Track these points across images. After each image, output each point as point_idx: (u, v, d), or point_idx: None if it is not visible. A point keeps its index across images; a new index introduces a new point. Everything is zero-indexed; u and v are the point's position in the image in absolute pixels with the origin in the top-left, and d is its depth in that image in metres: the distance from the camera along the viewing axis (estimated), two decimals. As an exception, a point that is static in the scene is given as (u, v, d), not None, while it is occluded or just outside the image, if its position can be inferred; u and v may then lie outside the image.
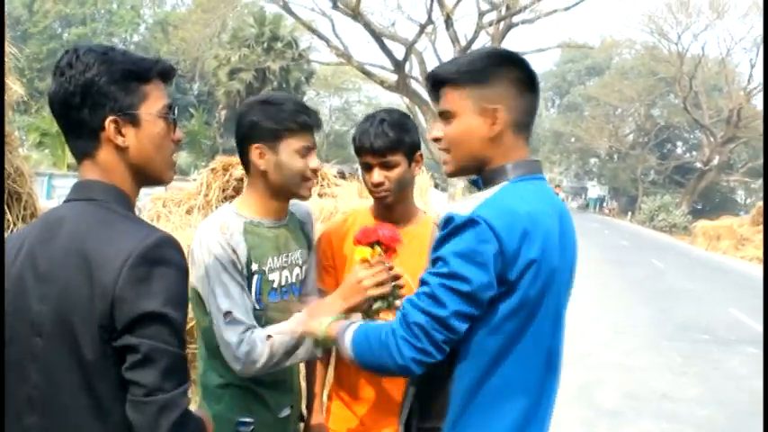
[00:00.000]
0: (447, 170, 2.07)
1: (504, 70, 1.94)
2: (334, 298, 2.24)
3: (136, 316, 1.51)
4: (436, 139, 2.02)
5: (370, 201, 2.83)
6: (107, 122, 1.65)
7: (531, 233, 1.80)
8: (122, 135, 1.67)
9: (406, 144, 2.58)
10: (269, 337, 2.23)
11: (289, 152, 2.36)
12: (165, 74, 1.77)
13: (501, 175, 1.93)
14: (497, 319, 1.83)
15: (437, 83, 2.01)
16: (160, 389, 1.52)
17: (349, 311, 2.20)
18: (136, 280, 1.52)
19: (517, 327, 1.84)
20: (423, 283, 1.85)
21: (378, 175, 2.57)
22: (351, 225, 2.74)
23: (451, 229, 1.81)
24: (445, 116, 1.99)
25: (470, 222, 1.78)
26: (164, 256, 1.58)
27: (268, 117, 2.36)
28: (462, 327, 1.80)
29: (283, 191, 2.44)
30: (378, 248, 2.22)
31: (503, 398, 1.88)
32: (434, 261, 1.85)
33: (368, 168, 2.60)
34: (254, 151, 2.39)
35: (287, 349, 2.25)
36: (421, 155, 2.68)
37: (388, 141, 2.53)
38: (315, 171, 2.44)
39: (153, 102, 1.72)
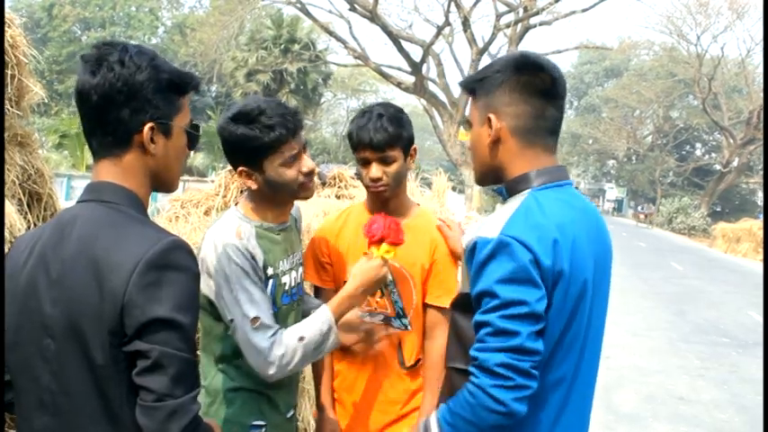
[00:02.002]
0: (474, 178, 2.12)
1: (506, 77, 1.93)
2: (355, 292, 2.33)
3: (145, 321, 1.51)
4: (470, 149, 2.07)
5: (348, 203, 2.86)
6: (146, 128, 1.65)
7: (560, 243, 1.79)
8: (154, 142, 1.68)
9: (404, 139, 2.60)
10: (301, 338, 2.23)
11: (274, 168, 2.31)
12: (197, 89, 1.80)
13: (523, 183, 1.93)
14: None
15: (467, 92, 2.06)
16: (170, 394, 1.52)
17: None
18: (145, 285, 1.52)
19: (553, 343, 1.83)
20: (479, 325, 1.80)
21: (376, 170, 2.57)
22: (345, 222, 2.77)
23: (484, 257, 1.80)
24: (468, 125, 2.05)
25: (501, 245, 1.77)
26: (174, 260, 1.57)
27: (241, 141, 2.28)
28: (540, 345, 1.77)
29: (283, 198, 2.43)
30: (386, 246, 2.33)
31: (543, 402, 1.86)
32: (479, 297, 1.82)
33: (366, 163, 2.60)
34: (242, 174, 2.35)
35: (316, 345, 2.26)
36: (415, 149, 2.68)
37: (387, 136, 2.54)
38: (309, 172, 2.38)
39: (184, 115, 1.76)
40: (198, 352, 2.30)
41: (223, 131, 2.32)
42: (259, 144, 2.27)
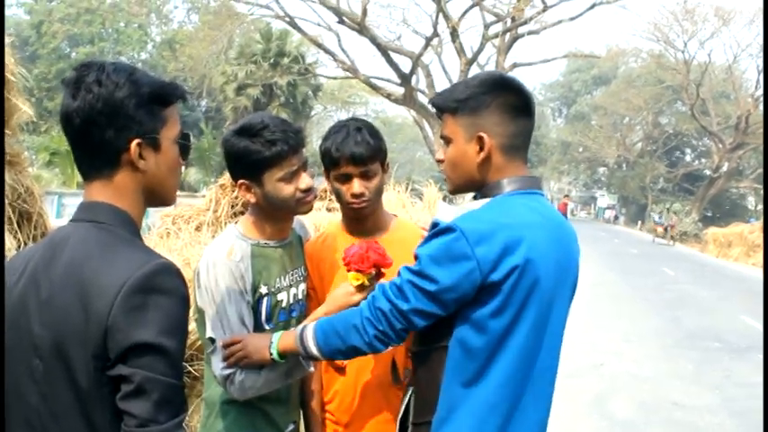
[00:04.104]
0: (448, 188, 2.23)
1: (493, 98, 2.04)
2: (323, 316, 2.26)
3: (129, 345, 1.48)
4: (439, 161, 2.18)
5: (338, 216, 2.80)
6: (133, 145, 1.63)
7: (513, 241, 1.91)
8: (143, 158, 1.66)
9: (383, 152, 2.58)
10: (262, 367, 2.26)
11: (272, 183, 2.35)
12: (183, 98, 1.76)
13: (495, 189, 2.05)
14: (482, 315, 1.93)
15: (438, 110, 2.15)
16: (154, 420, 1.49)
17: None
18: (130, 309, 1.49)
19: (504, 327, 1.93)
20: (398, 273, 2.01)
21: (359, 185, 2.50)
22: (323, 244, 2.71)
23: (433, 233, 1.98)
24: (445, 140, 2.14)
25: (448, 230, 1.93)
26: (160, 284, 1.54)
27: (243, 153, 2.33)
28: (420, 322, 1.98)
29: (281, 214, 2.45)
30: (373, 271, 2.26)
31: (493, 406, 1.96)
32: (415, 258, 2.00)
33: (346, 179, 2.52)
34: (242, 186, 2.40)
35: (280, 371, 2.28)
36: (388, 164, 2.66)
37: (369, 149, 2.49)
38: (307, 189, 2.41)
39: (171, 126, 1.72)
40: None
41: (226, 143, 2.38)
42: (260, 158, 2.31)
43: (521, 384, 1.98)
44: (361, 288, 2.26)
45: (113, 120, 1.60)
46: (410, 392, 2.20)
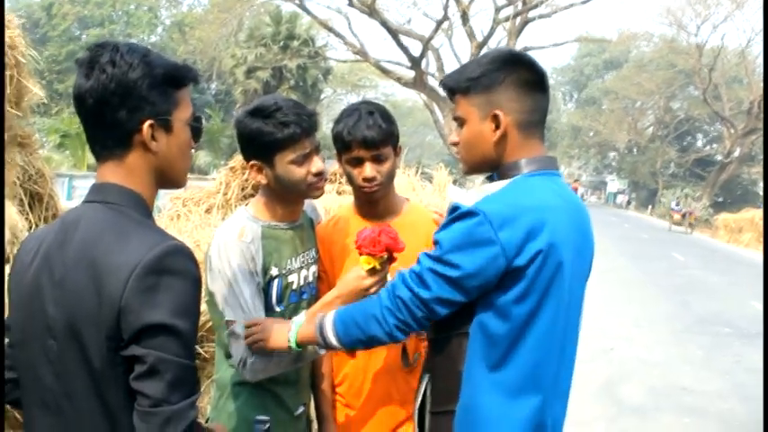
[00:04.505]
0: (463, 170, 2.19)
1: (506, 74, 1.99)
2: (334, 302, 2.25)
3: (142, 326, 1.50)
4: (454, 143, 2.13)
5: (349, 198, 2.79)
6: (145, 126, 1.63)
7: (537, 225, 1.86)
8: (155, 140, 1.66)
9: (395, 135, 2.57)
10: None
11: (283, 165, 2.34)
12: (196, 81, 1.77)
13: (514, 170, 2.00)
14: (505, 302, 1.89)
15: (449, 91, 2.10)
16: (166, 400, 1.50)
17: None
18: (143, 290, 1.50)
19: (527, 313, 1.90)
20: (418, 261, 1.96)
21: (371, 169, 2.51)
22: (335, 227, 2.71)
23: (453, 216, 1.92)
24: (458, 122, 2.09)
25: (470, 214, 1.87)
26: (172, 265, 1.55)
27: (255, 134, 2.33)
28: (442, 311, 1.94)
29: (292, 196, 2.44)
30: (384, 255, 2.22)
31: (518, 391, 1.93)
32: (434, 241, 1.95)
33: (358, 163, 2.52)
34: (254, 167, 2.40)
35: (294, 356, 2.28)
36: (400, 147, 2.65)
37: (381, 133, 2.49)
38: (319, 173, 2.40)
39: (183, 109, 1.73)
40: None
41: (239, 124, 2.38)
42: (272, 139, 2.31)
43: (554, 379, 1.97)
44: (372, 272, 2.23)
45: (126, 100, 1.61)
46: (426, 380, 2.17)
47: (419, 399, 2.20)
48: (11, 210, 2.83)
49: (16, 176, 3.05)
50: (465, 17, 29.64)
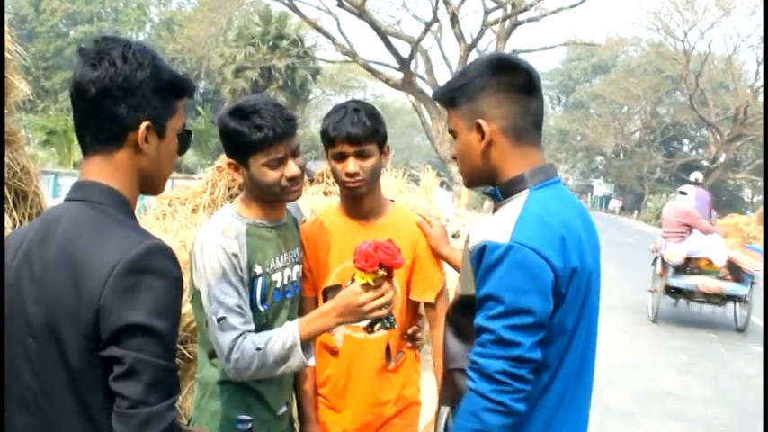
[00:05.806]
0: (463, 183, 2.15)
1: (486, 80, 1.94)
2: (329, 313, 2.26)
3: (121, 326, 1.48)
4: (453, 158, 2.10)
5: (336, 200, 2.80)
6: (142, 126, 1.64)
7: (569, 243, 1.82)
8: (147, 142, 1.67)
9: (380, 134, 2.59)
10: (258, 348, 2.25)
11: (257, 167, 2.35)
12: (192, 96, 1.81)
13: (520, 183, 1.94)
14: (552, 324, 1.84)
15: (442, 105, 2.09)
16: (144, 402, 1.49)
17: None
18: (122, 290, 1.49)
19: (568, 335, 1.88)
20: (482, 330, 1.82)
21: (353, 164, 2.54)
22: (320, 226, 2.72)
23: (493, 261, 1.80)
24: (452, 135, 2.06)
25: (512, 251, 1.78)
26: (152, 265, 1.54)
27: (232, 134, 2.34)
28: (539, 354, 1.80)
29: (266, 198, 2.44)
30: (380, 271, 2.19)
31: (555, 402, 1.91)
32: (484, 300, 1.82)
33: (341, 158, 2.56)
34: (230, 165, 2.43)
35: (277, 359, 2.27)
36: (388, 147, 2.68)
37: (365, 130, 2.52)
38: (293, 178, 2.39)
39: (178, 118, 1.75)
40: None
41: (220, 122, 2.40)
42: (246, 141, 2.32)
43: (575, 377, 1.95)
44: (366, 287, 2.20)
45: (130, 97, 1.62)
46: (446, 413, 2.08)
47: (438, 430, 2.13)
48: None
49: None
50: (454, 19, 29.73)
